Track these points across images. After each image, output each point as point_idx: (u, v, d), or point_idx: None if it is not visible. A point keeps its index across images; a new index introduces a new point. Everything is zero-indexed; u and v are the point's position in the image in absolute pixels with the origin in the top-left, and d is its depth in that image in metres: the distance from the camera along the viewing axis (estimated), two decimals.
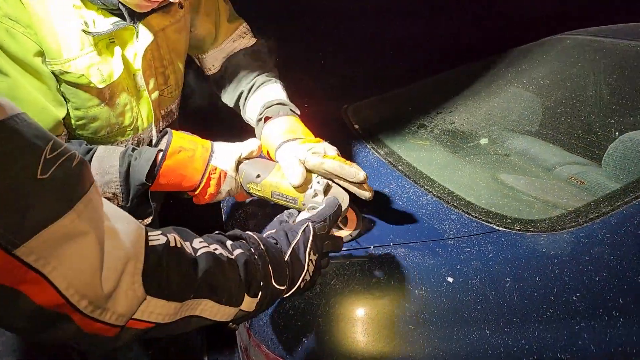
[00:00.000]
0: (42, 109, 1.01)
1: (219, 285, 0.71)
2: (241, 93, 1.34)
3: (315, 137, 1.13)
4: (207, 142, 1.08)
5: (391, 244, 1.06)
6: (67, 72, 1.04)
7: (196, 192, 1.06)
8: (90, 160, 1.01)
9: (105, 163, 1.01)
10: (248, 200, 1.30)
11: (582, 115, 1.61)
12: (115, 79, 1.10)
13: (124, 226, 0.63)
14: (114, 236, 0.60)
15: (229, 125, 1.49)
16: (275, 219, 0.95)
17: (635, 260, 1.02)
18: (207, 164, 1.05)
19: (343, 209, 0.99)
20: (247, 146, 1.08)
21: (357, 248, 1.05)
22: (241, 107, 1.36)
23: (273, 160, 1.11)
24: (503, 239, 1.06)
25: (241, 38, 1.39)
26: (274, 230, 0.88)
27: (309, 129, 1.17)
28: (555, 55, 1.97)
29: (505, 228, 1.09)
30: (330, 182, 1.03)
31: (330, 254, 0.97)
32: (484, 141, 1.64)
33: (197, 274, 0.69)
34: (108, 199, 1.02)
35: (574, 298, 0.99)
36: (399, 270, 1.00)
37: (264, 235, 0.86)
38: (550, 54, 2.00)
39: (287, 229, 0.87)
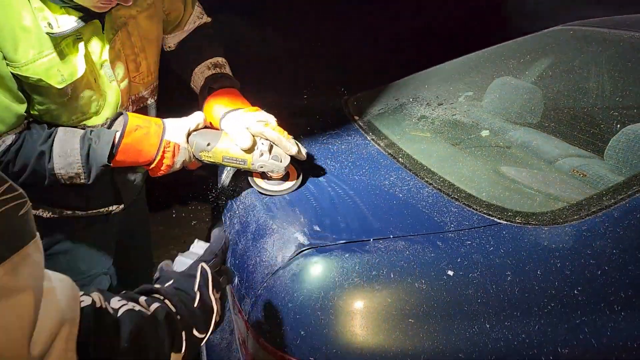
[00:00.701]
0: (5, 108, 1.06)
1: (144, 346, 0.67)
2: (190, 66, 1.43)
3: (259, 108, 1.28)
4: (159, 120, 1.20)
5: (391, 236, 1.04)
6: (25, 76, 1.07)
7: (152, 166, 1.18)
8: (52, 144, 1.11)
9: (67, 146, 1.12)
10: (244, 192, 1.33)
11: (585, 107, 1.59)
12: (77, 78, 1.13)
13: (59, 284, 0.59)
14: (51, 295, 0.55)
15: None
16: (157, 270, 0.93)
17: (638, 254, 1.01)
18: (161, 139, 1.16)
19: (285, 165, 1.20)
20: (195, 119, 1.21)
21: (356, 241, 1.03)
22: (189, 79, 1.46)
23: (218, 129, 1.25)
24: (504, 232, 1.05)
25: (199, 19, 1.49)
26: (172, 281, 0.84)
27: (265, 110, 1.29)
28: (558, 47, 1.95)
29: (507, 221, 1.07)
30: (271, 143, 1.20)
31: (325, 249, 0.96)
32: (485, 133, 1.62)
33: (121, 337, 0.64)
34: (71, 177, 1.14)
35: (575, 292, 0.98)
36: (399, 263, 0.99)
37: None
38: (552, 45, 1.98)
39: (183, 276, 0.85)
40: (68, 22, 1.08)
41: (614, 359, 0.99)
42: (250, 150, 1.19)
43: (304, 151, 1.24)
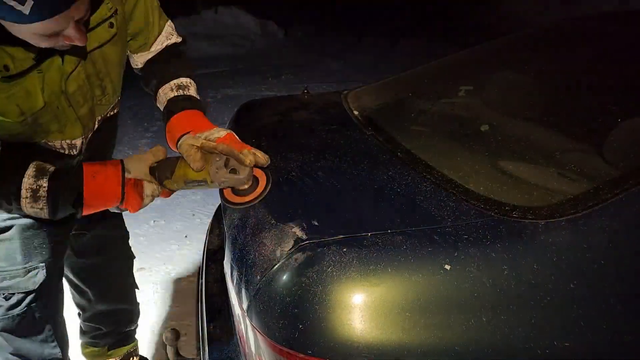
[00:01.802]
0: None
1: None
2: (155, 87, 1.44)
3: (215, 126, 1.29)
4: (116, 161, 1.21)
5: (389, 230, 1.05)
6: None
7: (123, 205, 1.20)
8: (21, 180, 1.13)
9: (36, 183, 1.14)
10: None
11: (584, 101, 1.59)
12: (36, 110, 1.15)
13: None
14: None
15: None
16: None
17: (634, 248, 1.02)
18: (122, 178, 1.18)
19: (243, 177, 1.18)
20: (154, 153, 1.24)
21: (354, 235, 1.04)
22: (154, 99, 1.47)
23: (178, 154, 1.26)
24: (501, 227, 1.05)
25: (168, 39, 1.48)
26: None
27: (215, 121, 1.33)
28: (558, 41, 1.95)
29: (504, 215, 1.08)
30: (227, 157, 1.19)
31: (323, 243, 0.97)
32: (484, 127, 1.62)
33: None
34: (35, 210, 1.16)
35: (572, 286, 0.99)
36: (396, 257, 1.00)
37: None
38: (553, 39, 1.98)
39: None
40: (26, 60, 1.09)
41: (610, 353, 1.00)
42: (204, 170, 1.19)
43: (263, 157, 1.20)
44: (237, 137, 1.25)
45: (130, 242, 1.96)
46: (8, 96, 1.10)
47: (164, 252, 3.09)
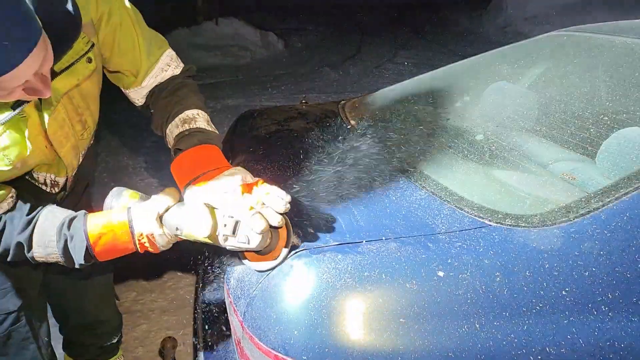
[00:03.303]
0: None
1: None
2: (162, 127, 1.31)
3: (225, 165, 1.15)
4: (122, 215, 1.09)
5: (383, 238, 1.06)
6: None
7: (142, 252, 1.11)
8: (31, 235, 1.09)
9: (46, 237, 1.09)
10: None
11: (577, 111, 1.62)
12: (25, 156, 1.10)
13: None
14: None
15: None
16: None
17: (624, 256, 1.03)
18: (132, 233, 1.07)
19: (254, 246, 1.00)
20: (163, 201, 1.09)
21: (349, 243, 1.05)
22: (165, 140, 1.33)
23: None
24: (494, 234, 1.07)
25: (164, 71, 1.34)
26: None
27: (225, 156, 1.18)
28: (551, 52, 1.98)
29: (497, 223, 1.09)
30: (238, 220, 1.01)
31: (318, 250, 0.98)
32: (479, 137, 1.64)
33: None
34: (49, 262, 1.12)
35: (563, 293, 1.00)
36: (390, 264, 1.01)
37: None
38: (546, 50, 2.01)
39: None
40: (4, 111, 1.02)
41: (602, 359, 1.01)
42: (212, 237, 1.03)
43: (274, 219, 1.02)
44: (246, 171, 1.12)
45: None
46: None
47: (161, 261, 3.09)
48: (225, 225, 1.02)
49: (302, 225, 1.12)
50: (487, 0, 11.93)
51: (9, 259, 1.12)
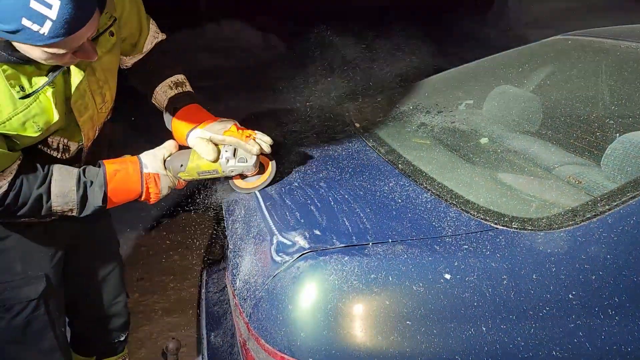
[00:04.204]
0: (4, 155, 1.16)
1: None
2: (152, 85, 1.49)
3: (218, 117, 1.39)
4: (134, 157, 1.33)
5: (390, 240, 1.06)
6: (2, 132, 1.13)
7: (143, 198, 1.32)
8: (49, 187, 1.23)
9: (65, 187, 1.25)
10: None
11: (582, 115, 1.62)
12: (52, 124, 1.20)
13: None
14: None
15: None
16: None
17: (631, 260, 1.03)
18: (141, 173, 1.30)
19: (252, 163, 1.30)
20: (166, 147, 1.35)
21: (355, 245, 1.05)
22: (150, 96, 1.51)
23: (187, 146, 1.37)
24: (500, 237, 1.07)
25: (155, 38, 1.51)
26: None
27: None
28: (556, 56, 1.98)
29: (503, 226, 1.09)
30: (236, 147, 1.31)
31: (324, 252, 0.98)
32: (484, 140, 1.64)
33: None
34: (65, 211, 1.27)
35: (570, 296, 1.00)
36: (397, 267, 1.01)
37: None
38: (551, 54, 2.01)
39: None
40: (39, 79, 1.14)
41: None
42: (216, 160, 1.30)
43: (266, 146, 1.31)
44: (241, 126, 1.35)
45: (132, 253, 1.96)
46: (25, 114, 1.13)
47: (164, 263, 3.10)
48: (226, 151, 1.31)
49: (308, 227, 1.12)
50: (489, 4, 11.92)
51: (22, 213, 1.23)
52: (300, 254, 1.06)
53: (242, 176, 1.37)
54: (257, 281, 1.10)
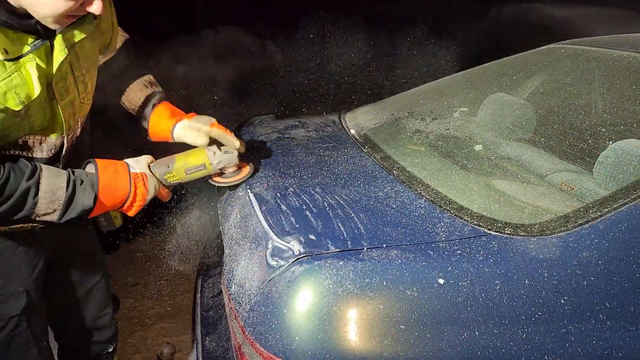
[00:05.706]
0: None
1: None
2: (123, 84, 1.54)
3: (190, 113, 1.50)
4: (121, 161, 1.34)
5: (384, 245, 1.07)
6: None
7: (129, 201, 1.30)
8: (38, 181, 1.20)
9: (54, 184, 1.22)
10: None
11: (575, 123, 1.64)
12: (33, 98, 1.18)
13: None
14: None
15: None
16: None
17: (622, 265, 1.04)
18: (129, 172, 1.31)
19: (236, 154, 1.41)
20: (147, 156, 1.38)
21: (350, 250, 1.06)
22: (120, 94, 1.56)
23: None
24: (494, 242, 1.08)
25: (123, 37, 1.58)
26: None
27: None
28: (550, 64, 2.01)
29: (496, 232, 1.11)
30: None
31: (319, 257, 0.99)
32: (478, 147, 1.66)
33: None
34: (45, 214, 1.23)
35: (562, 301, 1.02)
36: (391, 271, 1.02)
37: None
38: (544, 62, 2.03)
39: None
40: (22, 47, 1.15)
41: None
42: (202, 154, 1.38)
43: (243, 145, 1.45)
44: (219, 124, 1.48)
45: (127, 258, 1.94)
46: (7, 82, 1.12)
47: (159, 268, 3.09)
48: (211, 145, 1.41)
49: (303, 232, 1.13)
50: (484, 11, 12.00)
51: (2, 209, 1.18)
52: (296, 258, 1.06)
53: (221, 173, 1.44)
54: (253, 285, 1.10)
